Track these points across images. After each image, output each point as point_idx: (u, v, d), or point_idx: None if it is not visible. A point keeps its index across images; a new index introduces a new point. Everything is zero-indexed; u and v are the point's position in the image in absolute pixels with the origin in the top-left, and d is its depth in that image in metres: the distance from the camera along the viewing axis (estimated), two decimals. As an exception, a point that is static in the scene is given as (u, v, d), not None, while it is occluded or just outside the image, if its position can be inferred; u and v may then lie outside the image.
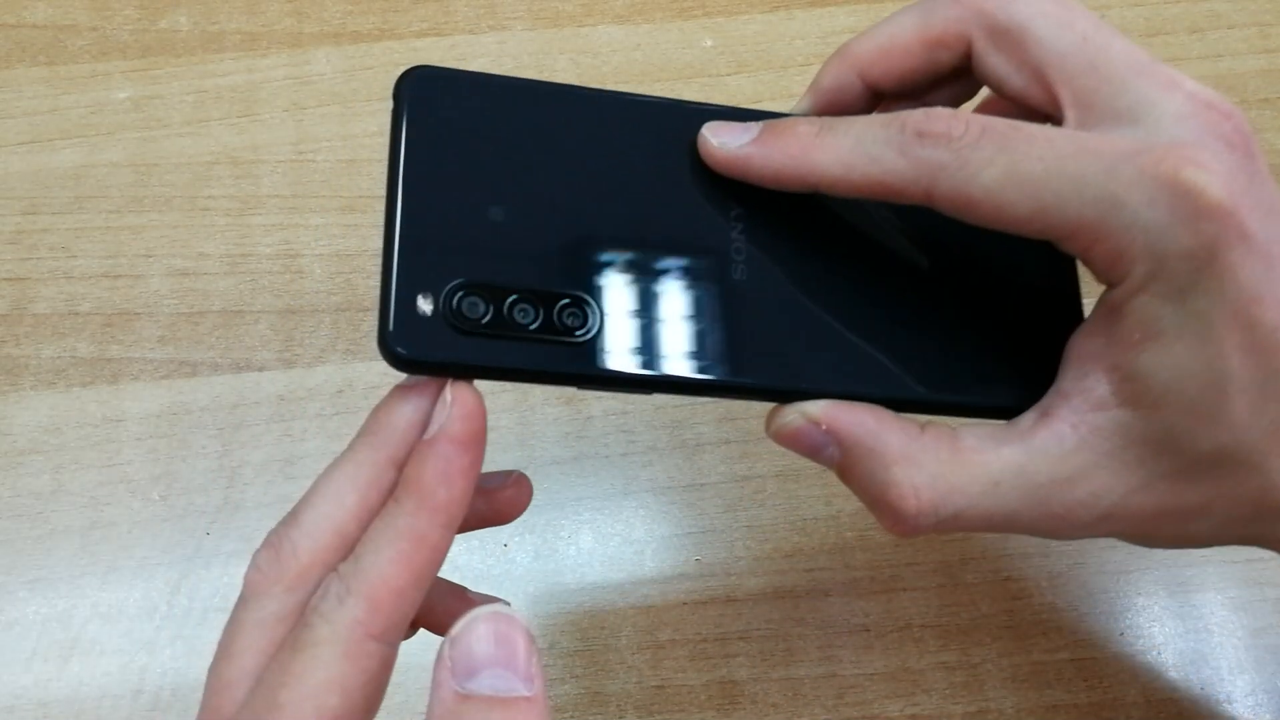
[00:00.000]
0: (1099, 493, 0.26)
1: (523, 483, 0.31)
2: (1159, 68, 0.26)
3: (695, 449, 0.43)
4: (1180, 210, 0.24)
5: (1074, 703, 0.40)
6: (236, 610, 0.26)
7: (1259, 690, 0.40)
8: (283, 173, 0.48)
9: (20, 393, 0.44)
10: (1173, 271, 0.24)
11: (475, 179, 0.26)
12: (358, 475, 0.26)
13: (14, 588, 0.41)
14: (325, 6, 0.51)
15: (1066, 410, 0.26)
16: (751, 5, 0.52)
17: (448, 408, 0.25)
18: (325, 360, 0.44)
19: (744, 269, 0.28)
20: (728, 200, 0.28)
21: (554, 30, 0.51)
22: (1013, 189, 0.25)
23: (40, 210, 0.47)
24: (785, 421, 0.28)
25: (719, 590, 0.41)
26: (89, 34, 0.50)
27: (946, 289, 0.29)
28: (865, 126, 0.27)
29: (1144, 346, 0.25)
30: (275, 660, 0.24)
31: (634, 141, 0.28)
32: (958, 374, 0.28)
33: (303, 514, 0.26)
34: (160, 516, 0.42)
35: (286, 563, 0.25)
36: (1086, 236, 0.25)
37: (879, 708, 0.39)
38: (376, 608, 0.24)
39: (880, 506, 0.27)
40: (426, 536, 0.24)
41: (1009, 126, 0.25)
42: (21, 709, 0.39)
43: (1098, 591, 0.41)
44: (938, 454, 0.27)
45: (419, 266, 0.25)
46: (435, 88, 0.27)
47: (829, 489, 0.43)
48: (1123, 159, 0.24)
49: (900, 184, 0.26)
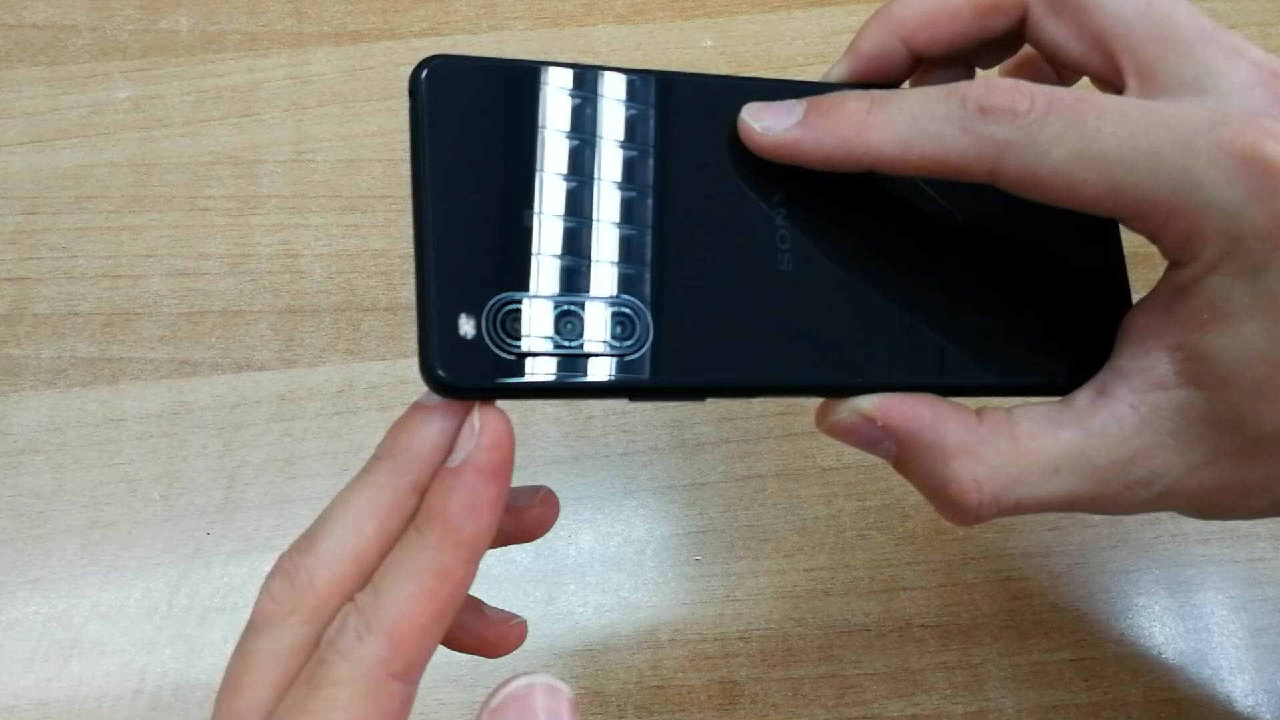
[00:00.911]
0: (1159, 471, 0.25)
1: (550, 500, 0.29)
2: (1223, 34, 0.25)
3: (695, 449, 0.43)
4: (1258, 187, 0.23)
5: (1074, 702, 0.40)
6: (247, 639, 0.24)
7: (1259, 690, 0.40)
8: (283, 173, 0.48)
9: (20, 393, 0.44)
10: (1247, 251, 0.23)
11: (507, 179, 0.25)
12: (378, 501, 0.24)
13: (14, 588, 0.41)
14: (325, 6, 0.51)
15: (1125, 389, 0.26)
16: (751, 5, 0.52)
17: (475, 435, 0.24)
18: (325, 360, 0.44)
19: (790, 258, 0.26)
20: (769, 183, 0.27)
21: (554, 30, 0.51)
22: (1084, 167, 0.24)
23: (40, 210, 0.47)
24: (839, 419, 0.27)
25: (719, 590, 0.41)
26: (89, 34, 0.50)
27: (992, 267, 0.28)
28: (922, 102, 0.25)
29: (1211, 326, 0.24)
30: (290, 697, 0.23)
31: (668, 123, 0.26)
32: (1010, 354, 0.28)
33: (319, 541, 0.24)
34: (160, 516, 0.42)
35: (303, 593, 0.24)
36: (1159, 215, 0.24)
37: (879, 708, 0.39)
38: (398, 646, 0.23)
39: (940, 499, 0.26)
40: (451, 571, 0.23)
41: (1076, 99, 0.24)
42: (21, 709, 0.39)
43: (1098, 591, 0.41)
44: (996, 444, 0.26)
45: (457, 284, 0.23)
46: (455, 80, 0.25)
47: (829, 489, 0.43)
48: (1198, 133, 0.23)
49: (963, 163, 0.25)
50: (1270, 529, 0.42)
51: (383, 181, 0.48)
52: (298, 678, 0.23)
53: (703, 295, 0.25)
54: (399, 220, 0.47)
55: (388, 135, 0.48)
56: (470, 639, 0.29)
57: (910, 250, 0.28)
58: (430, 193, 0.24)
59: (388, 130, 0.49)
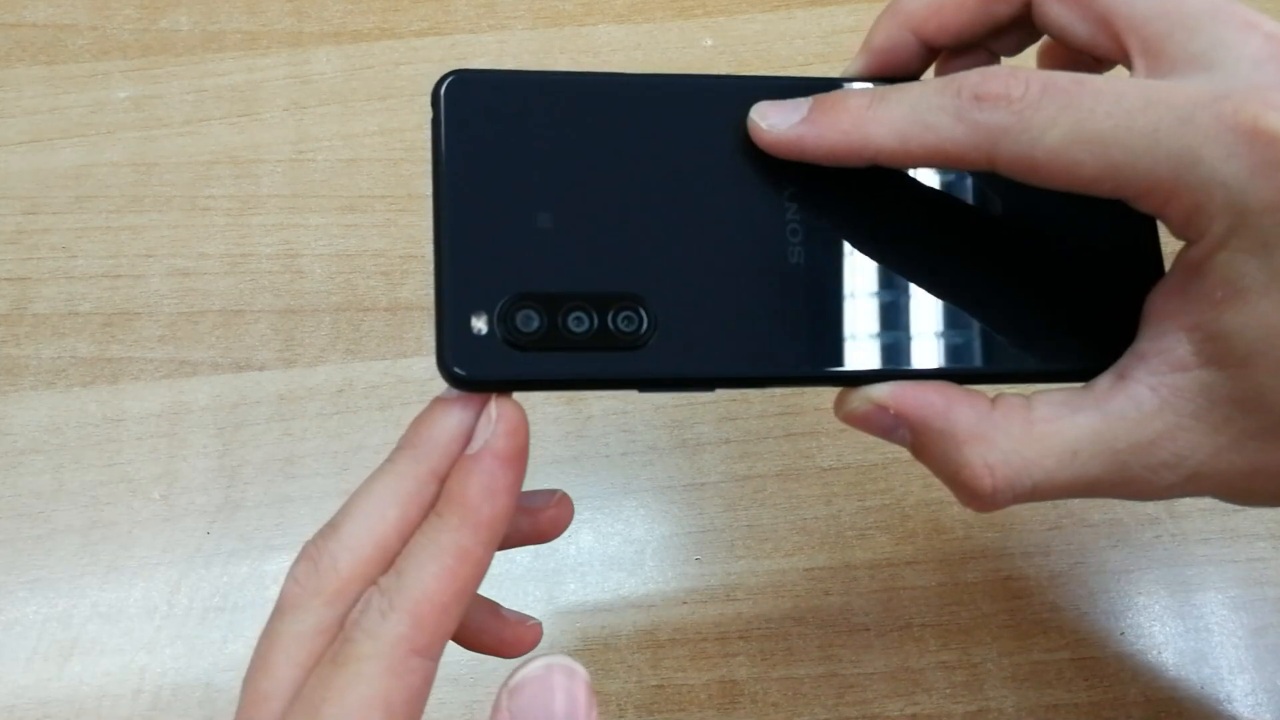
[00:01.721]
0: (1183, 454, 0.25)
1: (565, 503, 0.30)
2: (1234, 8, 0.25)
3: (695, 449, 0.43)
4: (1261, 160, 0.22)
5: (1074, 702, 0.40)
6: (273, 622, 0.25)
7: (1259, 690, 0.40)
8: (283, 173, 0.48)
9: (20, 393, 0.44)
10: (1256, 226, 0.23)
11: (520, 184, 0.26)
12: (399, 488, 0.25)
13: (14, 588, 0.41)
14: (325, 6, 0.51)
15: (1144, 372, 0.25)
16: (751, 5, 0.52)
17: (492, 423, 0.25)
18: (325, 360, 0.44)
19: (801, 251, 0.27)
20: (781, 179, 0.27)
21: (554, 30, 0.51)
22: (1080, 149, 0.24)
23: (40, 210, 0.47)
24: (853, 407, 0.27)
25: (719, 590, 0.41)
26: (89, 34, 0.50)
27: (1014, 252, 0.28)
28: (919, 94, 0.25)
29: (1227, 304, 0.24)
30: (316, 675, 0.24)
31: (678, 125, 0.27)
32: (1031, 342, 0.27)
33: (343, 526, 0.25)
34: (160, 516, 0.42)
35: (326, 576, 0.25)
36: (1161, 194, 0.24)
37: (879, 707, 0.39)
38: (420, 623, 0.23)
39: (956, 485, 0.27)
40: (471, 552, 0.24)
41: (1072, 81, 0.24)
42: (21, 709, 0.39)
43: (1098, 591, 0.41)
44: (1009, 429, 0.26)
45: (470, 285, 0.25)
46: (473, 92, 0.26)
47: (829, 489, 0.43)
48: (1198, 108, 0.23)
49: (959, 151, 0.25)
50: (1270, 529, 0.42)
51: (383, 181, 0.48)
52: (323, 657, 0.24)
53: (712, 287, 0.26)
54: (399, 220, 0.47)
55: (388, 135, 0.48)
56: (489, 639, 0.30)
57: (925, 239, 0.28)
58: (447, 198, 0.25)
59: (388, 130, 0.49)
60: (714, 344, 0.26)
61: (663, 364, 0.26)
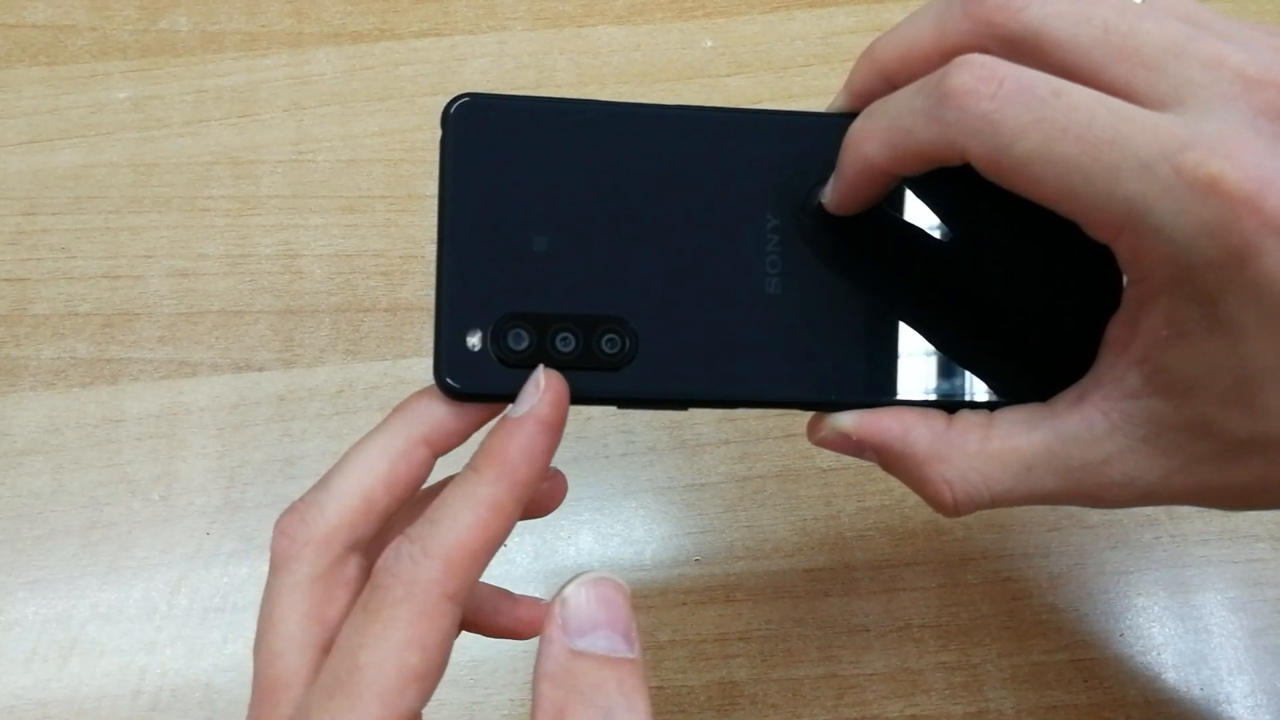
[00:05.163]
0: (1133, 475, 0.26)
1: (559, 478, 0.32)
2: (1200, 44, 0.24)
3: (695, 449, 0.43)
4: (1212, 218, 0.22)
5: (1074, 703, 0.40)
6: (269, 582, 0.26)
7: (1259, 690, 0.40)
8: (282, 173, 0.48)
9: (20, 393, 0.44)
10: (1200, 279, 0.23)
11: (520, 207, 0.27)
12: (390, 445, 0.27)
13: (14, 588, 0.41)
14: (325, 6, 0.51)
15: (1099, 396, 0.26)
16: (751, 5, 0.52)
17: (540, 391, 0.26)
18: (325, 360, 0.44)
19: (778, 282, 0.28)
20: (764, 211, 0.28)
21: (554, 30, 0.51)
22: (1044, 167, 0.24)
23: (40, 210, 0.47)
24: (822, 435, 0.29)
25: (719, 590, 0.41)
26: (89, 34, 0.50)
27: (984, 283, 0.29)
28: (899, 99, 0.26)
29: (1171, 343, 0.24)
30: (349, 624, 0.24)
31: (672, 155, 0.28)
32: (997, 371, 0.29)
33: (331, 479, 0.27)
34: (160, 516, 0.42)
35: (314, 524, 0.26)
36: (1112, 229, 0.24)
37: (878, 708, 0.39)
38: (452, 568, 0.24)
39: (923, 497, 0.28)
40: (504, 507, 0.25)
41: (1050, 92, 0.24)
42: (21, 709, 0.39)
43: (1098, 592, 0.41)
44: (965, 447, 0.27)
45: (466, 303, 0.27)
46: (482, 116, 0.28)
47: (829, 489, 0.43)
48: (1162, 157, 0.23)
49: (936, 152, 0.25)
50: (1270, 529, 0.42)
51: (383, 181, 0.48)
52: (354, 607, 0.25)
53: (691, 313, 0.28)
54: (399, 220, 0.47)
55: (388, 135, 0.48)
56: (505, 620, 0.32)
57: (898, 273, 0.29)
58: (449, 218, 0.27)
59: (388, 130, 0.49)
60: (690, 367, 0.28)
61: (640, 384, 0.27)
